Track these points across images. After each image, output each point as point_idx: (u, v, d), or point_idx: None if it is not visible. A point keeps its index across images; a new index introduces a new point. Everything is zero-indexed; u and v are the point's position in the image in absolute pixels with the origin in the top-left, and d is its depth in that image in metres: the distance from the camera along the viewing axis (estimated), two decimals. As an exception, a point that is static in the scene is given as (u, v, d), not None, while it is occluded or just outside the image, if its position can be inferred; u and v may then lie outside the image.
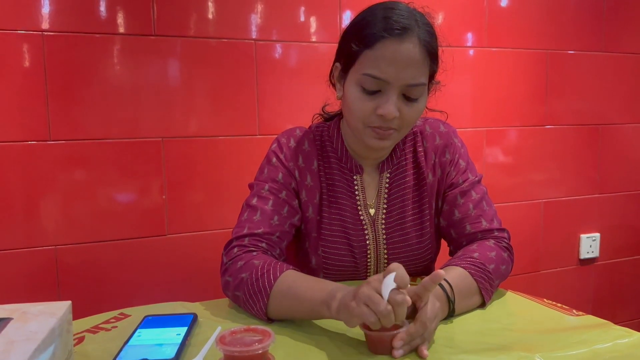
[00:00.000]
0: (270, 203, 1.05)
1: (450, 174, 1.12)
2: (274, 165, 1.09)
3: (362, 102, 0.97)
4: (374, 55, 0.94)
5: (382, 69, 0.94)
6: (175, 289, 1.65)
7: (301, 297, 0.88)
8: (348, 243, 1.09)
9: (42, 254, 1.52)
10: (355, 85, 0.98)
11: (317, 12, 1.74)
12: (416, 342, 0.78)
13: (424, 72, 0.97)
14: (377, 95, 0.96)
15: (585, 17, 2.15)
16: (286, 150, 1.10)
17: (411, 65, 0.94)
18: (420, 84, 0.96)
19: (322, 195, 1.10)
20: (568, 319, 0.92)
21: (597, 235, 2.28)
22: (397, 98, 0.96)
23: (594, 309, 2.33)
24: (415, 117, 1.00)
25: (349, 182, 1.11)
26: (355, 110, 0.99)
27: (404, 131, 1.02)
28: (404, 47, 0.93)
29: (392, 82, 0.94)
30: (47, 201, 1.52)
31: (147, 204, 1.61)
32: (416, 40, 0.95)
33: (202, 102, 1.65)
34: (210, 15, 1.63)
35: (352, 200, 1.10)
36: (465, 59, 1.98)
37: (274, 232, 1.03)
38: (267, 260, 0.96)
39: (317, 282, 0.91)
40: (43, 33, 1.47)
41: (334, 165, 1.11)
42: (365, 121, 0.98)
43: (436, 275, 0.78)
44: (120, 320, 0.93)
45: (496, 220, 1.10)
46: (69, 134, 1.52)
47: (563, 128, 2.17)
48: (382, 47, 0.94)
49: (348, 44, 1.00)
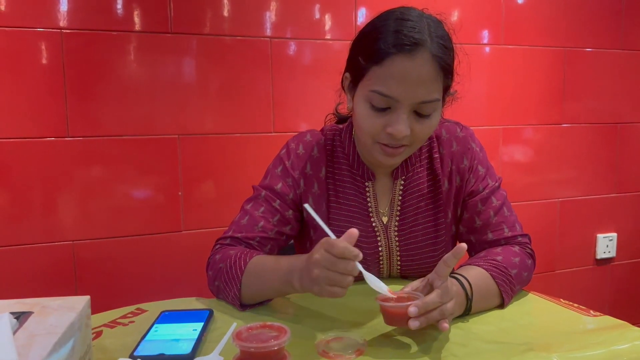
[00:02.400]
0: (261, 210, 1.06)
1: (470, 181, 1.09)
2: (277, 173, 1.09)
3: (370, 119, 0.93)
4: (382, 73, 0.90)
5: (391, 87, 0.89)
6: (191, 284, 1.66)
7: (267, 280, 0.92)
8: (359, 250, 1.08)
9: (60, 249, 1.54)
10: (364, 102, 0.94)
11: (332, 10, 1.74)
12: (433, 315, 0.78)
13: (437, 89, 0.92)
14: (386, 113, 0.92)
15: (603, 14, 2.12)
16: (294, 157, 1.08)
17: (423, 83, 0.89)
18: (433, 100, 0.92)
19: (330, 203, 1.08)
20: (585, 319, 0.91)
21: (614, 235, 2.26)
22: (407, 116, 0.91)
23: (610, 309, 2.30)
24: (427, 133, 0.96)
25: (360, 189, 1.08)
26: (364, 127, 0.95)
27: (415, 146, 0.98)
28: (414, 64, 0.88)
29: (402, 101, 0.90)
30: (65, 197, 1.54)
31: (163, 200, 1.63)
32: (428, 55, 0.89)
33: (218, 100, 1.66)
34: (226, 13, 1.64)
35: (363, 206, 1.08)
36: (481, 56, 1.97)
37: (253, 237, 1.04)
38: (241, 250, 1.00)
39: (277, 262, 0.92)
40: (62, 31, 1.49)
41: (344, 171, 1.09)
42: (375, 138, 0.95)
43: (459, 248, 0.78)
44: (138, 315, 0.94)
45: (518, 226, 1.08)
46: (86, 131, 1.53)
47: (580, 127, 2.15)
48: (391, 64, 0.89)
49: (357, 57, 0.95)
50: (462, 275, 0.91)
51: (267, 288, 0.93)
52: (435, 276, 0.81)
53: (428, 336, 0.82)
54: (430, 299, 0.78)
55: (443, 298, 0.79)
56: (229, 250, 1.01)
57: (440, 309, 0.78)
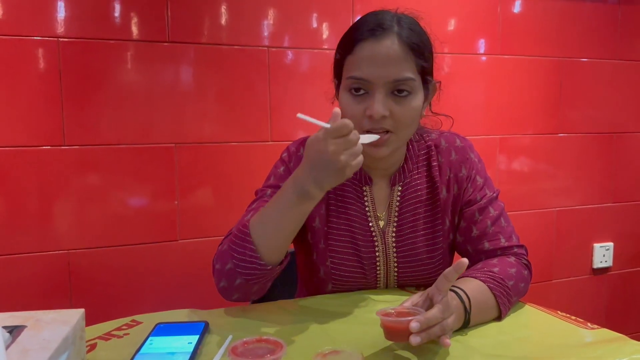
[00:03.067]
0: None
1: (468, 190, 1.09)
2: (280, 173, 1.10)
3: (351, 106, 0.98)
4: (354, 59, 0.97)
5: (363, 69, 0.95)
6: (187, 293, 1.65)
7: (276, 213, 0.90)
8: (356, 253, 1.08)
9: (55, 258, 1.53)
10: (344, 92, 1.00)
11: (329, 18, 1.75)
12: (434, 331, 0.77)
13: (409, 67, 0.96)
14: (365, 97, 0.97)
15: (598, 25, 2.13)
16: (295, 159, 1.10)
17: (391, 62, 0.95)
18: (406, 79, 0.95)
19: (330, 206, 1.09)
20: (583, 332, 0.91)
21: (611, 244, 2.26)
22: (384, 97, 0.95)
23: (607, 318, 2.30)
24: (409, 117, 0.98)
25: (358, 193, 1.09)
26: (347, 116, 0.96)
27: (401, 133, 0.99)
28: (381, 45, 0.95)
29: (375, 81, 0.95)
30: (61, 206, 1.53)
31: (159, 209, 1.62)
32: (395, 37, 0.95)
33: (215, 108, 1.65)
34: (223, 21, 1.64)
35: (361, 210, 1.09)
36: (478, 65, 1.97)
37: None
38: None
39: (276, 194, 0.92)
40: (59, 39, 1.48)
41: None
42: (359, 126, 0.96)
43: (460, 263, 0.78)
44: (132, 327, 0.93)
45: (515, 237, 1.08)
46: (82, 140, 1.53)
47: (577, 136, 2.16)
48: (361, 49, 0.96)
49: (336, 57, 1.04)
50: (460, 289, 0.91)
51: (280, 221, 0.90)
52: (436, 290, 0.80)
53: (427, 351, 0.82)
54: (432, 314, 0.77)
55: (444, 313, 0.78)
56: (229, 234, 1.00)
57: (441, 324, 0.78)
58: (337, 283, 1.09)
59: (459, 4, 1.91)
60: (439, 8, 1.89)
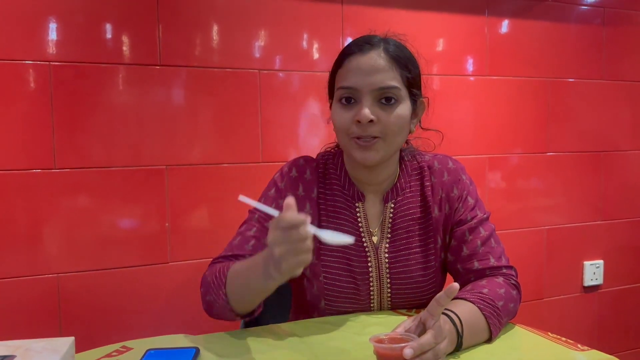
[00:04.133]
0: (253, 230, 1.09)
1: (459, 210, 1.11)
2: (270, 195, 1.12)
3: (340, 114, 1.04)
4: (343, 71, 1.04)
5: (350, 79, 1.02)
6: (179, 317, 1.64)
7: (248, 278, 0.94)
8: (349, 269, 1.09)
9: (45, 282, 1.52)
10: (335, 103, 1.06)
11: (319, 41, 1.77)
12: (427, 357, 0.78)
13: (394, 77, 1.02)
14: (353, 105, 1.02)
15: (585, 46, 2.17)
16: (287, 179, 1.12)
17: (377, 71, 1.01)
18: (391, 87, 1.01)
19: (322, 223, 1.10)
20: (573, 354, 0.91)
21: (601, 262, 2.27)
22: (371, 104, 1.01)
23: (598, 336, 2.30)
24: (396, 124, 1.02)
25: (351, 209, 1.11)
26: (337, 124, 1.05)
27: (389, 140, 1.03)
28: (367, 57, 1.02)
29: (362, 89, 1.01)
30: (51, 229, 1.52)
31: (150, 231, 1.61)
32: (380, 50, 1.03)
33: (206, 130, 1.66)
34: (215, 45, 1.65)
35: (354, 226, 1.10)
36: (466, 86, 2.00)
37: (244, 254, 1.06)
38: (226, 263, 1.03)
39: (254, 259, 0.94)
40: (50, 63, 1.49)
41: (336, 192, 1.12)
42: (348, 132, 1.03)
43: (451, 288, 0.78)
44: (123, 353, 0.93)
45: (504, 258, 1.10)
46: (73, 162, 1.53)
47: (565, 155, 2.18)
48: (349, 62, 1.04)
49: (329, 77, 1.11)
50: (452, 312, 0.91)
51: (250, 287, 0.95)
52: (428, 315, 0.81)
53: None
54: (425, 340, 0.77)
55: (437, 338, 0.79)
56: (216, 265, 1.05)
57: (434, 349, 0.79)
58: (330, 299, 1.09)
59: (447, 25, 1.94)
60: (427, 29, 1.92)
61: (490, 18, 2.00)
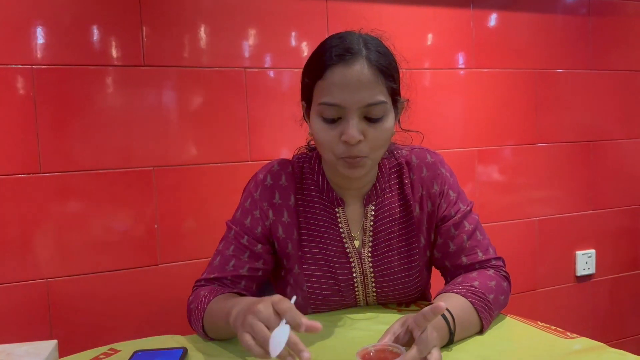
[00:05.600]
0: (231, 249, 1.08)
1: (442, 207, 1.09)
2: (246, 208, 1.09)
3: (325, 132, 0.97)
4: (325, 84, 0.95)
5: (335, 95, 0.94)
6: (169, 318, 1.63)
7: (217, 318, 0.94)
8: (333, 277, 1.07)
9: (34, 287, 1.50)
10: (316, 117, 0.98)
11: (306, 39, 1.76)
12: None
13: (380, 91, 0.95)
14: (338, 123, 0.96)
15: (571, 36, 2.18)
16: (261, 189, 1.08)
17: (363, 86, 0.94)
18: (378, 102, 0.95)
19: (302, 231, 1.07)
20: (563, 342, 0.91)
21: (593, 251, 2.28)
22: (358, 121, 0.94)
23: (592, 325, 2.31)
24: (383, 139, 0.98)
25: (331, 215, 1.08)
26: (322, 143, 0.98)
27: (375, 155, 0.99)
28: (352, 71, 0.93)
29: (348, 106, 0.94)
30: (39, 234, 1.51)
31: (139, 233, 1.60)
32: (364, 61, 0.94)
33: (193, 131, 1.65)
34: (199, 44, 1.64)
35: (335, 232, 1.08)
36: (454, 80, 2.00)
37: (226, 277, 1.06)
38: (210, 290, 1.02)
39: (227, 302, 0.93)
40: (32, 66, 1.48)
41: (314, 198, 1.09)
42: (334, 152, 0.97)
43: (437, 308, 0.76)
44: (110, 355, 0.92)
45: (491, 250, 1.09)
46: (59, 166, 1.51)
47: (555, 146, 2.19)
48: (332, 74, 0.94)
49: (304, 80, 1.02)
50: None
51: (220, 328, 0.95)
52: (415, 325, 0.79)
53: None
54: (410, 356, 0.76)
55: (422, 353, 0.77)
56: (201, 291, 1.03)
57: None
58: (316, 307, 1.08)
59: (432, 20, 1.94)
60: (411, 24, 1.91)
61: (475, 11, 2.00)
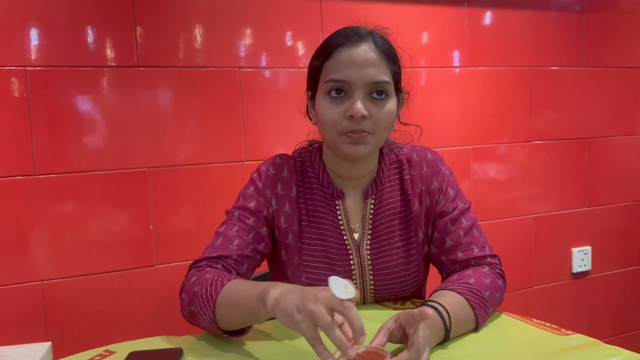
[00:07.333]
0: (235, 229, 1.06)
1: (440, 202, 1.11)
2: (249, 194, 1.10)
3: (331, 109, 1.00)
4: (333, 63, 1.00)
5: (341, 72, 0.99)
6: (166, 319, 1.63)
7: (240, 299, 0.89)
8: (331, 268, 1.08)
9: (30, 289, 1.50)
10: (322, 96, 1.02)
11: (300, 38, 1.76)
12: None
13: (385, 72, 1.00)
14: (344, 99, 0.99)
15: (565, 34, 2.18)
16: (265, 178, 1.10)
17: (369, 64, 0.98)
18: (383, 82, 0.99)
19: (302, 222, 1.09)
20: (558, 338, 0.91)
21: (589, 248, 2.29)
22: (363, 98, 0.98)
23: (589, 322, 2.32)
24: (386, 120, 1.01)
25: (331, 207, 1.10)
26: (326, 119, 1.01)
27: (379, 135, 1.01)
28: (359, 50, 0.99)
29: (355, 83, 0.98)
30: (34, 236, 1.50)
31: (135, 235, 1.60)
32: (371, 44, 1.00)
33: (188, 131, 1.65)
34: (193, 44, 1.64)
35: (335, 224, 1.09)
36: (449, 78, 2.00)
37: (230, 255, 1.03)
38: (218, 273, 0.97)
39: (255, 284, 0.90)
40: (26, 68, 1.47)
41: (315, 190, 1.11)
42: (338, 128, 1.00)
43: (424, 313, 0.75)
44: (105, 357, 0.92)
45: (487, 247, 1.09)
46: (54, 168, 1.51)
47: (550, 143, 2.19)
48: (339, 54, 1.00)
49: (311, 65, 1.06)
50: (439, 304, 0.91)
51: (240, 309, 0.89)
52: (406, 324, 0.79)
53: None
54: (407, 357, 0.75)
55: (419, 352, 0.77)
56: (206, 274, 0.98)
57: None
58: None
59: (427, 19, 1.94)
60: (406, 22, 1.91)
61: (469, 9, 2.01)
